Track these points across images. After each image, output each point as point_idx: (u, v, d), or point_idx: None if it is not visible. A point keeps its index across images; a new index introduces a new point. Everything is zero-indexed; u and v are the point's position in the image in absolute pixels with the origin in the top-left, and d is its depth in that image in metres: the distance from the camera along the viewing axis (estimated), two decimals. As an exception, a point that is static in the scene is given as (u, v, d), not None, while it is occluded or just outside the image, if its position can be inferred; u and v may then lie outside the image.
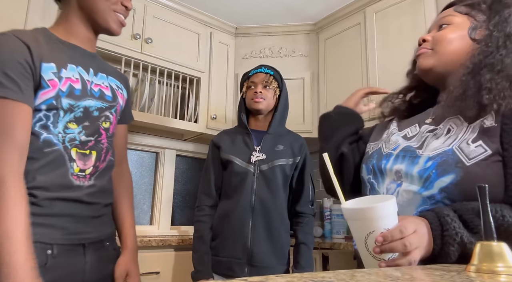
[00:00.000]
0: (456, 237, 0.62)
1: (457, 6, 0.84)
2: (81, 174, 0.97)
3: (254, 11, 2.56)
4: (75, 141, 0.96)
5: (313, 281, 0.36)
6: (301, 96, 2.58)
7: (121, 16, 1.04)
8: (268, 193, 1.49)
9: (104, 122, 1.03)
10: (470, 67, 0.74)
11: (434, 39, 0.82)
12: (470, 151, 0.67)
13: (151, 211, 2.48)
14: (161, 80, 2.44)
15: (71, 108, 0.95)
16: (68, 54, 0.99)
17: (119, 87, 1.12)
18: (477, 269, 0.47)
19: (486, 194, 0.50)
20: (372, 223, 0.61)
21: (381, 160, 0.81)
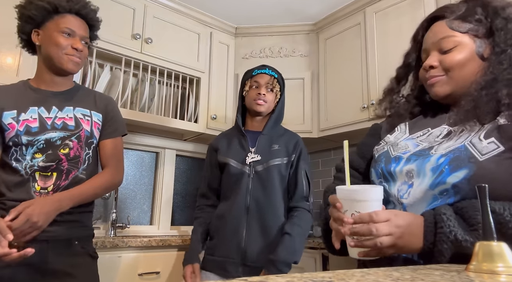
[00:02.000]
0: (449, 235, 0.62)
1: (449, 22, 0.81)
2: (43, 191, 1.24)
3: (254, 11, 2.56)
4: (34, 167, 1.24)
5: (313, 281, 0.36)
6: (301, 96, 2.58)
7: (74, 57, 1.28)
8: (263, 193, 1.51)
9: (63, 149, 1.28)
10: (482, 84, 0.73)
11: (444, 64, 0.79)
12: (482, 147, 0.67)
13: (151, 211, 2.48)
14: (161, 80, 2.44)
15: (31, 142, 1.24)
16: (33, 99, 1.28)
17: (86, 115, 1.35)
18: (477, 269, 0.47)
19: (486, 194, 0.50)
20: (356, 204, 0.68)
21: (389, 163, 0.80)
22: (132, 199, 2.42)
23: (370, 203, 0.68)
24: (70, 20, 1.27)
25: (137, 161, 2.48)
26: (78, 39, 1.28)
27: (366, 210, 0.67)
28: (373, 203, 0.68)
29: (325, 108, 2.48)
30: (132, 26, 2.23)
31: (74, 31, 1.27)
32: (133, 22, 2.24)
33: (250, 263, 1.44)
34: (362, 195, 0.68)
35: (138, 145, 2.45)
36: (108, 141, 1.42)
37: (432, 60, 0.81)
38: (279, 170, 1.54)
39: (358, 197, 0.69)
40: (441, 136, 0.78)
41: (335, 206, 0.71)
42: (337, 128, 2.37)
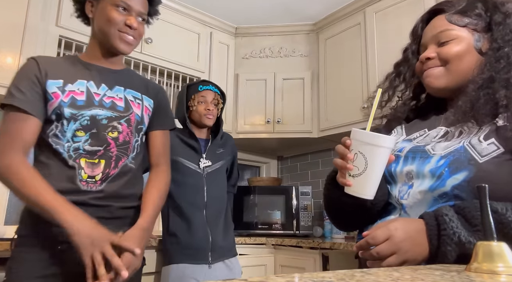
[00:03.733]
0: (453, 237, 0.61)
1: (449, 15, 0.80)
2: (91, 180, 1.09)
3: (254, 11, 2.56)
4: (79, 150, 1.09)
5: (313, 281, 0.36)
6: (301, 96, 2.58)
7: (127, 35, 1.15)
8: (216, 189, 1.77)
9: (111, 132, 1.14)
10: (480, 82, 0.72)
11: (442, 56, 0.78)
12: (482, 149, 0.67)
13: (151, 211, 2.48)
14: (161, 80, 2.44)
15: (74, 117, 1.09)
16: (82, 72, 1.16)
17: (137, 98, 1.23)
18: (477, 269, 0.47)
19: (486, 194, 0.50)
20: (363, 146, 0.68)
21: (390, 164, 0.78)
22: (132, 199, 2.42)
23: (377, 149, 0.67)
24: None
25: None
26: (134, 16, 1.15)
27: (370, 154, 0.67)
28: (380, 149, 0.67)
29: (325, 108, 2.48)
30: (132, 26, 2.23)
31: (130, 6, 1.14)
32: (133, 22, 2.24)
33: (217, 249, 1.66)
34: (371, 138, 0.68)
35: (138, 145, 2.45)
36: (160, 132, 1.30)
37: (428, 52, 0.80)
38: (225, 168, 1.87)
39: (367, 139, 0.68)
40: (437, 137, 0.77)
41: (345, 143, 0.70)
42: (337, 128, 2.37)
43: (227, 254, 1.70)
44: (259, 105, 2.63)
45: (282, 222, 2.36)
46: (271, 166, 3.17)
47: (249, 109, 2.64)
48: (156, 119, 1.28)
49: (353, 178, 0.69)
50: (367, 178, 0.68)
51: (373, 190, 0.70)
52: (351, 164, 0.69)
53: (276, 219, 2.37)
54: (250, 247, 2.11)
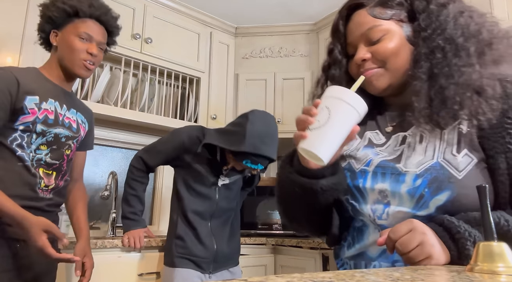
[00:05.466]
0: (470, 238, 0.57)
1: (370, 9, 0.75)
2: (45, 188, 1.24)
3: (254, 11, 2.56)
4: (41, 162, 1.23)
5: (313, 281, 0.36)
6: (301, 96, 2.58)
7: (87, 63, 1.27)
8: (227, 201, 1.73)
9: (67, 150, 1.31)
10: (423, 78, 0.69)
11: (378, 56, 0.73)
12: (458, 163, 0.64)
13: (151, 211, 2.48)
14: (161, 80, 2.44)
15: (43, 133, 1.22)
16: (51, 91, 1.27)
17: (83, 121, 1.40)
18: (478, 269, 0.47)
19: (487, 194, 0.50)
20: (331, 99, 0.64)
21: (356, 179, 0.73)
22: (132, 199, 2.42)
23: (344, 104, 0.63)
24: (89, 25, 1.27)
25: (137, 161, 2.47)
26: (95, 45, 1.28)
27: (335, 108, 0.62)
28: (346, 105, 0.63)
29: (325, 108, 2.48)
30: (132, 26, 2.23)
31: (91, 37, 1.27)
32: (133, 22, 2.24)
33: (220, 260, 1.66)
34: (340, 92, 0.64)
35: (138, 145, 2.45)
36: (83, 153, 1.48)
37: (362, 53, 0.75)
38: (240, 181, 1.81)
39: (335, 93, 0.64)
40: (398, 144, 0.73)
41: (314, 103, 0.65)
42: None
43: (229, 264, 1.70)
44: (259, 105, 2.63)
45: (282, 222, 2.36)
46: (271, 166, 3.17)
47: (249, 109, 2.63)
48: (85, 141, 1.45)
49: (311, 131, 0.63)
50: (326, 131, 0.62)
51: (328, 151, 0.62)
52: (313, 119, 0.63)
53: (276, 219, 2.37)
54: (250, 247, 2.11)
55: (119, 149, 2.44)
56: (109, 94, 2.19)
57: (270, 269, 2.15)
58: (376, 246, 0.68)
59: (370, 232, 0.72)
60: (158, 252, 1.81)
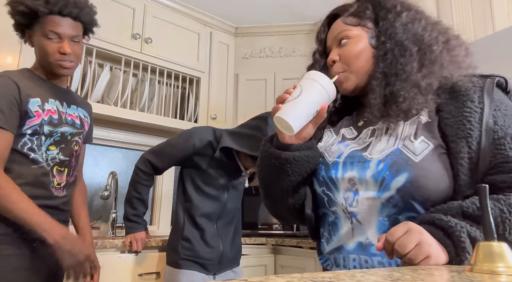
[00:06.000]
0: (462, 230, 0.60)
1: (344, 18, 0.86)
2: (58, 186, 1.25)
3: (254, 11, 2.56)
4: (56, 160, 1.24)
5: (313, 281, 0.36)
6: (301, 96, 2.58)
7: (64, 63, 1.21)
8: (234, 203, 1.73)
9: (75, 146, 1.31)
10: (379, 77, 0.78)
11: (342, 57, 0.84)
12: (415, 148, 0.71)
13: (151, 211, 2.48)
14: (161, 80, 2.44)
15: (51, 133, 1.22)
16: (48, 91, 1.25)
17: (85, 116, 1.38)
18: (477, 269, 0.47)
19: (487, 194, 0.50)
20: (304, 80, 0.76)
21: (329, 170, 0.80)
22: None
23: (313, 82, 0.74)
24: (53, 22, 1.17)
25: (137, 160, 2.47)
26: (66, 42, 1.19)
27: (306, 86, 0.74)
28: (315, 83, 0.73)
29: (325, 108, 2.48)
30: (132, 26, 2.23)
31: (59, 34, 1.18)
32: (133, 22, 2.24)
33: (224, 261, 1.66)
34: (312, 74, 0.75)
35: (138, 145, 2.45)
36: (84, 146, 1.45)
37: (332, 55, 0.85)
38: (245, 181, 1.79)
39: (308, 75, 0.76)
40: (368, 137, 0.80)
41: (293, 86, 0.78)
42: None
43: (232, 264, 1.71)
44: (259, 105, 2.63)
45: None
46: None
47: (249, 109, 2.64)
48: (87, 135, 1.43)
49: (285, 104, 0.74)
50: (296, 103, 0.72)
51: (296, 119, 0.71)
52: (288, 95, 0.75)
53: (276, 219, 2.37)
54: (250, 247, 2.11)
55: (119, 149, 2.44)
56: (109, 94, 2.19)
57: (270, 269, 2.15)
58: (351, 239, 0.74)
59: (343, 223, 0.77)
60: (158, 252, 1.81)
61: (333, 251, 0.79)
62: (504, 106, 0.70)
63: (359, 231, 0.74)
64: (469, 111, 0.70)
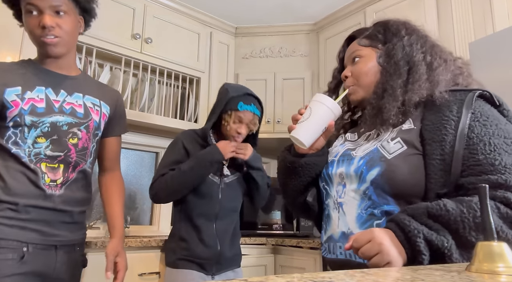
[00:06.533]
0: (419, 235, 0.68)
1: (359, 40, 0.99)
2: (53, 183, 1.13)
3: (254, 11, 2.56)
4: (40, 155, 1.11)
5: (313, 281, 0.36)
6: (301, 96, 2.58)
7: (46, 38, 1.09)
8: (230, 201, 1.69)
9: (72, 139, 1.17)
10: (377, 92, 0.90)
11: (353, 74, 0.97)
12: (390, 147, 0.82)
13: (151, 211, 2.48)
14: (161, 80, 2.44)
15: (34, 124, 1.10)
16: (40, 78, 1.15)
17: (96, 104, 1.25)
18: (478, 269, 0.47)
19: (487, 194, 0.50)
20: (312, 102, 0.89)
21: (328, 168, 0.94)
22: (132, 199, 2.42)
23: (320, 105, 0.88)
24: None
25: (137, 161, 2.48)
26: (47, 14, 1.07)
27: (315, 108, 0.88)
28: (322, 105, 0.87)
29: (325, 108, 2.48)
30: (132, 26, 2.23)
31: (38, 6, 1.06)
32: (133, 22, 2.24)
33: (223, 261, 1.63)
34: (319, 97, 0.89)
35: (138, 145, 2.45)
36: (115, 139, 1.35)
37: (345, 72, 0.99)
38: (243, 184, 1.74)
39: (316, 97, 0.89)
40: (362, 140, 0.92)
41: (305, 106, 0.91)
42: (337, 128, 2.37)
43: (231, 266, 1.69)
44: (259, 105, 2.63)
45: (282, 222, 2.36)
46: (271, 166, 3.17)
47: (249, 109, 2.64)
48: (112, 126, 1.32)
49: (298, 124, 0.88)
50: (307, 124, 0.87)
51: (307, 136, 0.87)
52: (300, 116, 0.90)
53: (276, 219, 2.37)
54: (250, 247, 2.11)
55: (119, 148, 2.44)
56: (109, 94, 2.19)
57: (270, 269, 2.15)
58: (337, 229, 0.86)
59: (332, 214, 0.89)
60: (160, 252, 1.82)
61: (327, 239, 0.90)
62: (484, 117, 0.78)
63: (343, 221, 0.85)
64: (446, 119, 0.79)
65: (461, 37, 1.77)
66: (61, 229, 1.13)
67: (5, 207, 1.06)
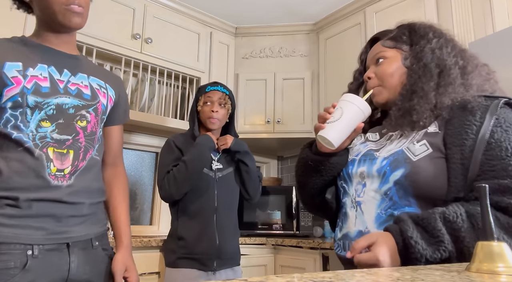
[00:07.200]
0: (421, 259, 0.68)
1: (383, 41, 0.99)
2: (59, 173, 0.98)
3: (254, 11, 2.56)
4: (46, 139, 0.97)
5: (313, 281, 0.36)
6: (301, 96, 2.58)
7: (74, 6, 1.01)
8: (227, 195, 1.73)
9: (80, 121, 1.04)
10: (404, 93, 0.90)
11: (377, 75, 0.96)
12: (415, 149, 0.82)
13: (151, 211, 2.48)
14: (161, 80, 2.44)
15: (39, 105, 0.97)
16: (41, 56, 1.02)
17: (102, 86, 1.12)
18: (477, 269, 0.47)
19: (487, 194, 0.50)
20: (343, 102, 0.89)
21: (347, 166, 0.94)
22: (132, 199, 2.42)
23: (352, 105, 0.87)
24: None
25: (137, 161, 2.48)
26: None
27: (346, 108, 0.87)
28: (354, 106, 0.87)
29: (325, 108, 2.48)
30: (132, 26, 2.23)
31: None
32: (133, 22, 2.24)
33: (223, 256, 1.64)
34: (350, 97, 0.88)
35: (138, 145, 2.45)
36: (118, 127, 1.23)
37: (369, 73, 0.98)
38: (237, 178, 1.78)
39: (347, 97, 0.89)
40: (385, 140, 0.92)
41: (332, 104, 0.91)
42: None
43: (231, 263, 1.70)
44: (259, 105, 2.63)
45: (282, 222, 2.36)
46: (271, 166, 3.17)
47: (249, 109, 2.64)
48: (115, 113, 1.19)
49: (328, 124, 0.87)
50: (338, 124, 0.86)
51: (337, 138, 0.86)
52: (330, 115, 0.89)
53: (276, 219, 2.37)
54: (250, 247, 2.11)
55: (119, 149, 2.44)
56: (109, 94, 2.19)
57: (270, 269, 2.15)
58: (354, 227, 0.87)
59: (349, 212, 0.90)
60: (159, 252, 1.82)
61: (342, 237, 0.91)
62: (507, 124, 0.77)
63: (360, 220, 0.86)
64: (468, 124, 0.79)
65: (461, 37, 1.77)
66: (71, 224, 0.99)
67: (3, 203, 0.91)
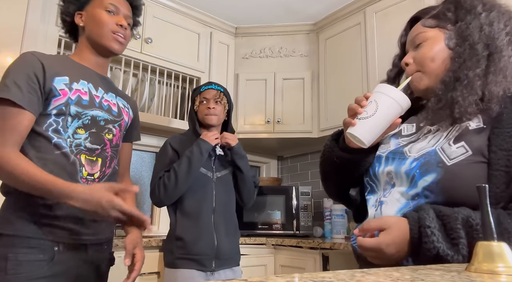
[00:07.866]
0: (433, 250, 0.63)
1: (423, 20, 0.85)
2: (90, 177, 1.12)
3: (254, 11, 2.56)
4: (81, 147, 1.11)
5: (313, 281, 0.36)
6: (301, 96, 2.58)
7: (119, 36, 1.20)
8: (225, 195, 1.75)
9: (107, 134, 1.19)
10: (446, 81, 0.77)
11: (416, 60, 0.84)
12: (451, 152, 0.70)
13: (151, 211, 2.48)
14: (161, 80, 2.44)
15: (78, 115, 1.11)
16: (82, 73, 1.18)
17: (126, 106, 1.29)
18: (477, 269, 0.47)
19: (487, 194, 0.50)
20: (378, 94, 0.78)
21: (373, 164, 0.85)
22: (132, 199, 2.42)
23: (388, 99, 0.75)
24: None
25: (137, 161, 2.48)
26: (122, 17, 1.21)
27: (382, 103, 0.76)
28: (390, 100, 0.75)
29: (325, 108, 2.48)
30: (132, 26, 2.23)
31: (118, 9, 1.21)
32: (133, 22, 2.24)
33: (222, 256, 1.64)
34: (386, 89, 0.77)
35: (138, 145, 2.45)
36: (129, 145, 1.39)
37: (407, 58, 0.86)
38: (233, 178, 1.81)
39: (383, 89, 0.77)
40: (420, 135, 0.81)
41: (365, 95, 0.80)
42: (337, 128, 2.36)
43: (230, 263, 1.70)
44: (259, 105, 2.63)
45: (282, 222, 2.36)
46: (271, 166, 3.17)
47: (249, 109, 2.64)
48: (131, 131, 1.36)
49: (359, 120, 0.77)
50: (372, 122, 0.75)
51: (370, 137, 0.76)
52: (362, 109, 0.77)
53: (276, 219, 2.37)
54: (250, 247, 2.11)
55: (119, 149, 2.44)
56: (109, 94, 2.19)
57: (270, 269, 2.15)
58: None
59: (369, 211, 0.83)
60: (159, 252, 1.82)
61: None
62: None
63: None
64: None
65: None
66: (91, 227, 1.11)
67: (39, 202, 1.02)
